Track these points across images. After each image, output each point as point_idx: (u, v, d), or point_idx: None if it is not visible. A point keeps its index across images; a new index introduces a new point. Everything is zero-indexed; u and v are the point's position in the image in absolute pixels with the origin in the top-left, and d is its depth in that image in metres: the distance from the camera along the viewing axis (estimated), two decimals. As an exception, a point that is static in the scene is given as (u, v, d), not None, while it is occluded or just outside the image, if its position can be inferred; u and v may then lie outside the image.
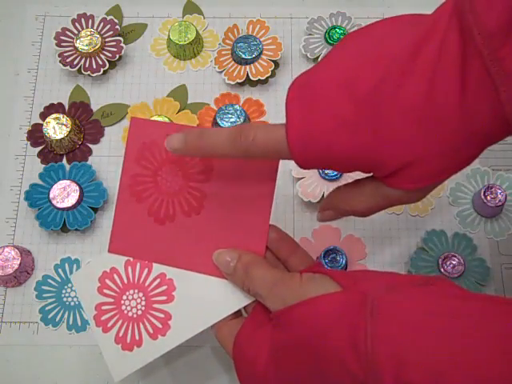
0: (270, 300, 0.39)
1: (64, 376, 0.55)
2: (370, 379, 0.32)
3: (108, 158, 0.63)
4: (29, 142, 0.64)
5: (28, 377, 0.55)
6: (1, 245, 0.58)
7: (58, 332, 0.56)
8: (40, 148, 0.63)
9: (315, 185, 0.59)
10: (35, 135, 0.64)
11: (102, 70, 0.65)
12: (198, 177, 0.44)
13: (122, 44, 0.67)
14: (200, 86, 0.66)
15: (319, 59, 0.66)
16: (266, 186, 0.43)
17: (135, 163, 0.46)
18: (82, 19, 0.68)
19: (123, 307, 0.44)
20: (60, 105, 0.65)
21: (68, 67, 0.65)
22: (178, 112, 0.63)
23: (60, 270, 0.58)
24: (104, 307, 0.44)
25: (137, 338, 0.43)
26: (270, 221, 0.43)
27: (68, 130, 0.61)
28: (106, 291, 0.44)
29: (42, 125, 0.62)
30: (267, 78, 0.65)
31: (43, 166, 0.62)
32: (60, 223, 0.58)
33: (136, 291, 0.44)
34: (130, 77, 0.67)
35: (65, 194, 0.59)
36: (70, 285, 0.57)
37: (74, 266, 0.58)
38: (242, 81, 0.65)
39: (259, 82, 0.66)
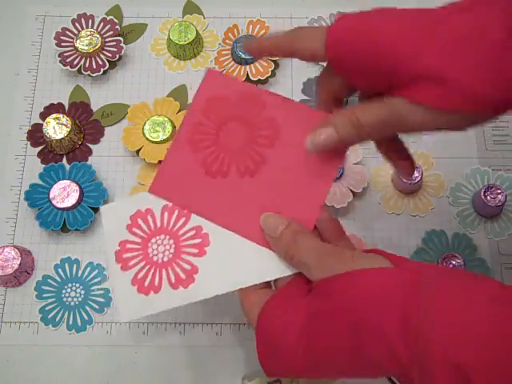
0: (317, 269, 0.37)
1: (64, 376, 0.55)
2: (416, 359, 0.30)
3: (108, 158, 0.63)
4: (29, 142, 0.64)
5: (28, 377, 0.55)
6: (1, 245, 0.58)
7: (58, 332, 0.56)
8: (40, 148, 0.63)
9: (315, 185, 0.59)
10: (35, 135, 0.64)
11: (102, 70, 0.65)
12: (263, 141, 0.43)
13: (122, 44, 0.67)
14: (200, 86, 0.66)
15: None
16: (329, 166, 0.41)
17: (201, 113, 0.44)
18: (82, 19, 0.68)
19: (149, 250, 0.42)
20: (60, 105, 0.65)
21: (68, 67, 0.65)
22: (178, 112, 0.63)
23: (60, 270, 0.58)
24: (129, 245, 0.42)
25: (156, 283, 0.41)
26: (324, 200, 0.41)
27: (68, 129, 0.61)
28: (135, 230, 0.42)
29: (42, 125, 0.62)
30: (267, 77, 0.65)
31: (43, 165, 0.62)
32: (60, 223, 0.58)
33: (167, 237, 0.42)
34: (130, 77, 0.67)
35: (65, 193, 0.59)
36: (70, 285, 0.57)
37: (74, 265, 0.58)
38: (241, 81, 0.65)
39: (259, 82, 0.66)
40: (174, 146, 0.44)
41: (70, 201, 0.58)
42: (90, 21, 0.68)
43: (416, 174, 0.59)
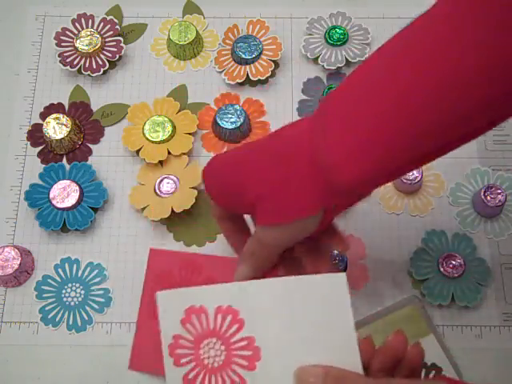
0: None
1: (64, 376, 0.55)
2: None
3: (108, 158, 0.63)
4: (29, 142, 0.64)
5: (28, 377, 0.55)
6: (1, 245, 0.58)
7: (58, 332, 0.56)
8: (40, 148, 0.63)
9: (315, 185, 0.59)
10: (35, 135, 0.64)
11: (102, 69, 0.65)
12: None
13: (122, 44, 0.67)
14: (200, 85, 0.66)
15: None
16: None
17: (154, 289, 0.51)
18: (82, 19, 0.68)
19: (201, 352, 0.40)
20: (60, 105, 0.65)
21: (68, 67, 0.65)
22: (178, 112, 0.63)
23: (60, 270, 0.58)
24: (181, 341, 0.40)
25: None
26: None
27: (68, 129, 0.61)
28: (188, 326, 0.40)
29: (42, 125, 0.62)
30: (267, 77, 0.65)
31: (43, 165, 0.62)
32: (60, 223, 0.58)
33: (219, 342, 0.40)
34: (130, 77, 0.67)
35: (65, 193, 0.59)
36: (70, 285, 0.57)
37: (74, 265, 0.58)
38: (241, 81, 0.65)
39: (259, 81, 0.66)
40: (139, 322, 0.53)
41: (70, 201, 0.58)
42: (90, 21, 0.68)
43: (416, 174, 0.59)
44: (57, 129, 0.61)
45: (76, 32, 0.67)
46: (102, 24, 0.67)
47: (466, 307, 0.55)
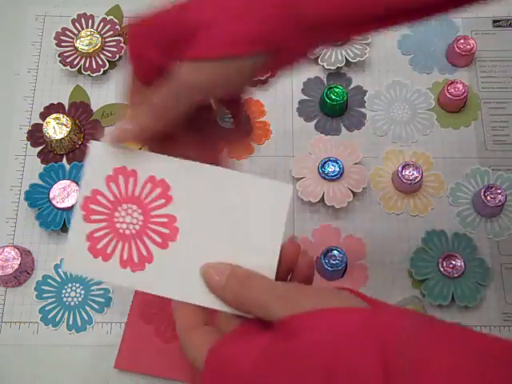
0: (278, 307, 0.32)
1: (64, 376, 0.55)
2: None
3: (108, 157, 0.63)
4: (29, 142, 0.64)
5: (28, 377, 0.55)
6: (1, 245, 0.58)
7: (58, 332, 0.56)
8: (40, 148, 0.63)
9: (315, 185, 0.59)
10: (35, 135, 0.64)
11: (102, 70, 0.65)
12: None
13: (121, 44, 0.67)
14: (200, 86, 0.66)
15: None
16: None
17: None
18: (82, 19, 0.68)
19: (116, 214, 0.38)
20: (60, 105, 0.65)
21: (68, 67, 0.65)
22: (178, 112, 0.63)
23: (60, 270, 0.58)
24: (99, 198, 0.38)
25: (108, 251, 0.38)
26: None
27: (68, 130, 0.61)
28: (112, 185, 0.38)
29: (42, 125, 0.62)
30: (267, 78, 0.65)
31: (43, 165, 0.62)
32: (60, 223, 0.58)
33: (139, 211, 0.38)
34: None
35: (65, 193, 0.59)
36: (70, 285, 0.57)
37: (74, 265, 0.58)
38: (241, 81, 0.64)
39: (259, 81, 0.66)
40: (129, 322, 0.53)
41: (70, 201, 0.58)
42: (90, 21, 0.68)
43: (416, 174, 0.59)
44: (57, 129, 0.61)
45: (76, 32, 0.67)
46: (101, 24, 0.67)
47: (466, 307, 0.55)
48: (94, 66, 0.65)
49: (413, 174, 0.59)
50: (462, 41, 0.65)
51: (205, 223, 0.37)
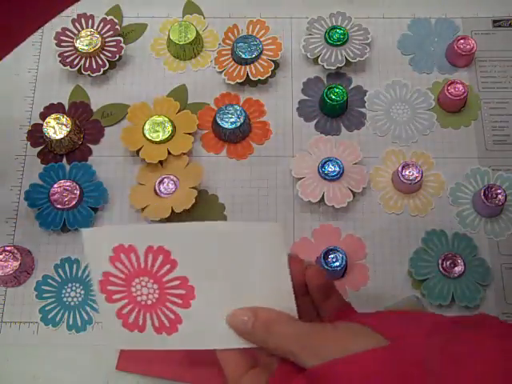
0: (304, 356, 0.35)
1: (64, 376, 0.55)
2: None
3: (108, 158, 0.63)
4: (29, 142, 0.64)
5: (28, 377, 0.55)
6: (1, 245, 0.58)
7: (58, 332, 0.56)
8: (40, 148, 0.63)
9: (315, 185, 0.59)
10: (35, 135, 0.64)
11: (102, 69, 0.65)
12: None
13: (121, 44, 0.67)
14: (200, 85, 0.66)
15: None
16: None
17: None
18: (82, 19, 0.68)
19: (133, 289, 0.40)
20: (60, 105, 0.65)
21: (68, 67, 0.65)
22: (178, 112, 0.63)
23: (60, 270, 0.58)
24: (112, 279, 0.40)
25: (140, 323, 0.40)
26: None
27: (68, 130, 0.61)
28: (117, 264, 0.40)
29: (42, 125, 0.62)
30: (267, 78, 0.65)
31: (43, 165, 0.62)
32: (60, 223, 0.58)
33: (151, 281, 0.40)
34: (130, 77, 0.67)
35: (65, 193, 0.59)
36: (70, 285, 0.57)
37: (74, 266, 0.58)
38: (241, 81, 0.65)
39: (259, 81, 0.66)
40: None
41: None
42: (90, 21, 0.68)
43: (416, 173, 0.59)
44: (57, 129, 0.61)
45: (76, 32, 0.67)
46: (101, 24, 0.67)
47: (466, 307, 0.55)
48: (94, 66, 0.65)
49: (413, 174, 0.59)
50: (461, 41, 0.65)
51: (215, 275, 0.39)
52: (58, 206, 0.58)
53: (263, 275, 0.39)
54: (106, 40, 0.67)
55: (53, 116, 0.62)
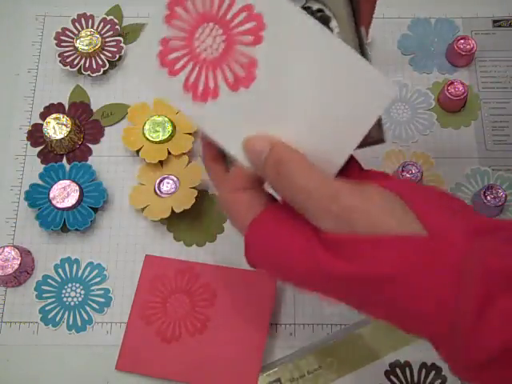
0: (327, 218, 0.30)
1: (64, 376, 0.55)
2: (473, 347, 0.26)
3: (108, 157, 0.63)
4: (29, 142, 0.64)
5: (28, 377, 0.55)
6: (1, 245, 0.58)
7: (58, 332, 0.56)
8: (40, 148, 0.63)
9: (315, 185, 0.59)
10: (35, 135, 0.64)
11: (102, 69, 0.65)
12: (203, 303, 0.54)
13: (121, 44, 0.67)
14: (200, 85, 0.66)
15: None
16: (263, 309, 0.52)
17: (147, 292, 0.55)
18: (82, 19, 0.68)
19: (196, 44, 0.34)
20: (60, 105, 0.65)
21: (68, 67, 0.65)
22: (178, 112, 0.63)
23: (60, 270, 0.58)
24: (172, 43, 0.34)
25: (211, 86, 0.34)
26: (266, 339, 0.52)
27: (68, 130, 0.61)
28: (176, 22, 0.34)
29: (42, 125, 0.62)
30: (267, 77, 0.65)
31: (43, 165, 0.62)
32: (60, 223, 0.58)
33: (215, 26, 0.33)
34: (130, 77, 0.67)
35: (65, 193, 0.59)
36: (70, 285, 0.57)
37: (74, 265, 0.58)
38: (242, 81, 0.64)
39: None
40: (130, 323, 0.54)
41: (70, 201, 0.58)
42: (90, 21, 0.68)
43: (416, 173, 0.59)
44: (57, 129, 0.61)
45: (76, 32, 0.67)
46: (102, 24, 0.67)
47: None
48: (94, 66, 0.65)
49: (413, 174, 0.59)
50: (462, 41, 0.65)
51: (287, 83, 0.33)
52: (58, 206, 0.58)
53: (336, 117, 0.33)
54: (106, 40, 0.67)
55: (53, 116, 0.62)
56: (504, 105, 0.65)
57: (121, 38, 0.67)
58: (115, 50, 0.66)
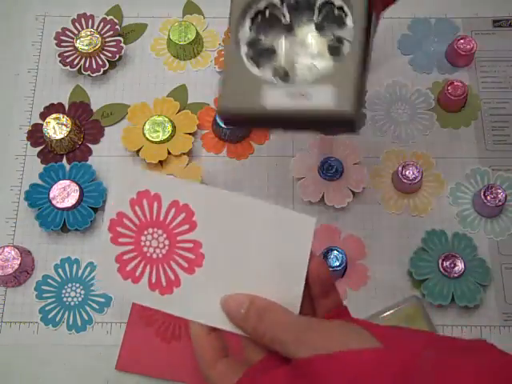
0: (294, 346, 0.34)
1: (64, 376, 0.55)
2: None
3: (108, 158, 0.63)
4: (29, 142, 0.64)
5: (28, 377, 0.55)
6: (1, 245, 0.58)
7: (58, 332, 0.56)
8: (40, 148, 0.63)
9: (315, 185, 0.59)
10: (35, 135, 0.64)
11: (102, 69, 0.65)
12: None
13: (121, 44, 0.67)
14: (200, 86, 0.66)
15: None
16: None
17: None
18: (82, 19, 0.68)
19: (143, 238, 0.39)
20: (60, 105, 0.65)
21: (68, 67, 0.65)
22: (178, 112, 0.63)
23: (60, 270, 0.58)
24: (125, 221, 0.39)
25: (137, 273, 0.39)
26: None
27: (68, 130, 0.61)
28: (136, 209, 0.39)
29: (42, 125, 0.62)
30: (267, 77, 0.65)
31: (43, 165, 0.62)
32: (60, 223, 0.58)
33: (164, 235, 0.39)
34: (130, 77, 0.67)
35: (65, 193, 0.59)
36: (70, 285, 0.57)
37: (74, 265, 0.58)
38: (241, 81, 0.64)
39: (259, 81, 0.66)
40: (130, 323, 0.54)
41: (70, 201, 0.58)
42: (90, 21, 0.68)
43: (416, 173, 0.59)
44: (57, 129, 0.61)
45: (76, 32, 0.67)
46: (102, 24, 0.67)
47: (466, 307, 0.55)
48: (94, 66, 0.65)
49: (413, 174, 0.59)
50: (461, 41, 0.65)
51: (229, 250, 0.38)
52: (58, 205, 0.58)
53: (279, 265, 0.37)
54: (106, 40, 0.67)
55: (53, 116, 0.62)
56: (504, 105, 0.65)
57: (121, 38, 0.67)
58: (115, 49, 0.66)
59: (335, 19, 0.42)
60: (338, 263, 0.55)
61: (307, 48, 0.43)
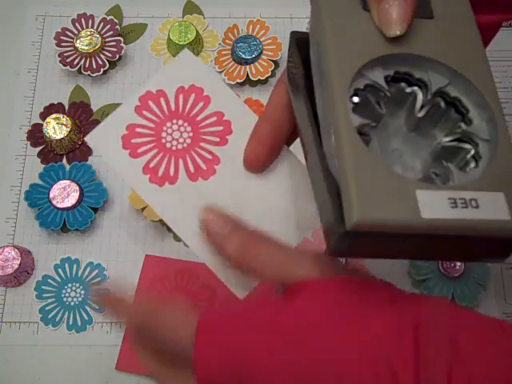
0: (294, 265, 0.32)
1: (64, 376, 0.55)
2: None
3: (108, 158, 0.63)
4: (29, 142, 0.64)
5: (28, 377, 0.55)
6: (1, 245, 0.58)
7: (58, 332, 0.56)
8: (40, 148, 0.63)
9: (315, 185, 0.59)
10: (35, 135, 0.64)
11: (102, 70, 0.65)
12: (203, 303, 0.43)
13: (122, 44, 0.67)
14: (200, 86, 0.66)
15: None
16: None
17: (147, 293, 0.53)
18: (82, 19, 0.68)
19: (163, 134, 0.37)
20: (60, 105, 0.65)
21: (68, 67, 0.65)
22: (178, 112, 0.63)
23: (60, 270, 0.58)
24: (138, 129, 0.37)
25: (171, 173, 0.36)
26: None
27: (68, 129, 0.61)
28: (145, 113, 0.37)
29: (42, 125, 0.62)
30: (267, 77, 0.65)
31: (43, 165, 0.62)
32: (60, 223, 0.58)
33: (185, 123, 0.37)
34: (130, 77, 0.67)
35: (65, 194, 0.59)
36: (70, 285, 0.57)
37: (74, 265, 0.58)
38: (242, 81, 0.65)
39: (259, 82, 0.66)
40: None
41: (70, 201, 0.58)
42: (90, 21, 0.68)
43: (416, 174, 0.58)
44: (57, 129, 0.61)
45: (76, 32, 0.67)
46: (102, 24, 0.67)
47: (466, 307, 0.55)
48: (94, 66, 0.65)
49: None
50: (462, 41, 0.65)
51: (242, 185, 0.36)
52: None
53: (284, 217, 0.37)
54: (106, 40, 0.67)
55: (53, 116, 0.62)
56: (504, 105, 0.65)
57: (121, 38, 0.67)
58: (115, 49, 0.66)
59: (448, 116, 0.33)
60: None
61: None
